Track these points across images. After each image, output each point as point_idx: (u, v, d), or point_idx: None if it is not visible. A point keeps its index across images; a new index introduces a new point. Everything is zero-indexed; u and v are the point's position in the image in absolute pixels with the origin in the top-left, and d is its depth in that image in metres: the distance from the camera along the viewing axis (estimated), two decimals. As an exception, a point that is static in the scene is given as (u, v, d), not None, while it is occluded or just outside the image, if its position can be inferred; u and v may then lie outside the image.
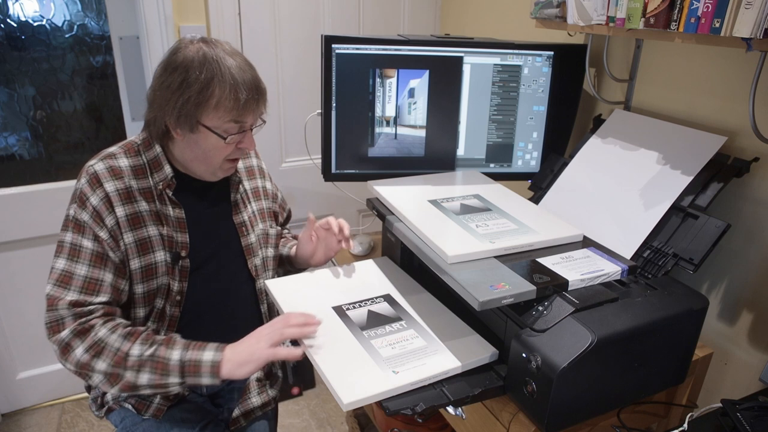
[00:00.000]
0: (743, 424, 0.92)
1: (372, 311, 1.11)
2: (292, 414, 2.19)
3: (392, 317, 1.10)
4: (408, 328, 1.07)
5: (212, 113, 1.02)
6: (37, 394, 2.11)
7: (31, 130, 1.95)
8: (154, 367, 1.00)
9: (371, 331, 1.05)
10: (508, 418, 1.01)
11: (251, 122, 1.08)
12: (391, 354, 0.99)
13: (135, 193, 1.07)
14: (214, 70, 1.00)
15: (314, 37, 2.00)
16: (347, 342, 1.02)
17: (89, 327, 1.01)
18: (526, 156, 1.56)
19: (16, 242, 1.88)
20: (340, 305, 1.13)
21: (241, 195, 1.23)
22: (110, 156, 1.08)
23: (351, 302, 1.14)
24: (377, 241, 1.67)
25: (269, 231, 1.28)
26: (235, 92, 1.00)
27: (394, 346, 1.01)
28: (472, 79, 1.46)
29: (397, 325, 1.08)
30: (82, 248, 1.03)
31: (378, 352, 0.99)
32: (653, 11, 1.07)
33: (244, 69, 1.04)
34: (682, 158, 1.21)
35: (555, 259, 1.06)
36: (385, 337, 1.03)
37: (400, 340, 1.03)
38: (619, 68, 1.47)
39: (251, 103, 1.04)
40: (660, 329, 0.98)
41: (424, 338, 1.04)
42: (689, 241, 1.11)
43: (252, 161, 1.31)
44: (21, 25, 1.80)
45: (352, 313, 1.10)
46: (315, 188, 2.18)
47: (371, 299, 1.16)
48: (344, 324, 1.07)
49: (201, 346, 1.02)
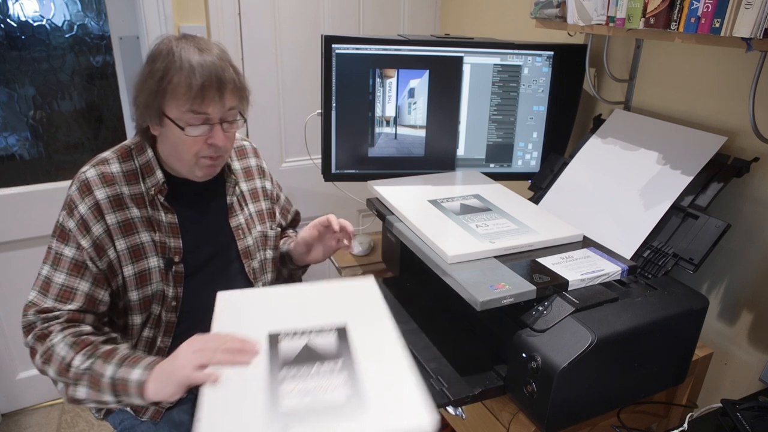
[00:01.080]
0: (743, 424, 0.92)
1: (309, 345, 0.94)
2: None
3: (329, 355, 0.91)
4: (340, 371, 0.88)
5: (171, 102, 1.00)
6: (37, 394, 2.11)
7: (31, 130, 1.95)
8: (90, 381, 0.96)
9: (292, 371, 0.88)
10: (508, 418, 1.01)
11: (216, 115, 1.02)
12: (292, 407, 0.81)
13: (126, 199, 1.07)
14: (173, 59, 0.98)
15: (314, 37, 2.00)
16: (254, 379, 0.86)
17: (48, 333, 1.01)
18: (526, 156, 1.56)
19: (16, 242, 1.88)
20: (278, 333, 0.96)
21: (237, 197, 1.21)
22: (103, 162, 1.08)
23: (293, 331, 0.96)
24: (377, 241, 1.67)
25: (268, 233, 1.27)
26: (188, 79, 0.97)
27: (306, 395, 0.83)
28: (472, 79, 1.46)
29: (328, 366, 0.89)
30: (62, 256, 1.04)
31: (278, 401, 0.81)
32: (653, 11, 1.07)
33: (209, 60, 0.99)
34: (682, 158, 1.21)
35: (555, 259, 1.06)
36: (305, 382, 0.86)
37: (321, 388, 0.85)
38: (619, 68, 1.47)
39: (209, 92, 0.98)
40: (660, 329, 0.99)
41: (350, 389, 0.84)
42: (689, 241, 1.11)
43: (250, 161, 1.28)
44: (21, 25, 1.80)
45: (285, 345, 0.93)
46: (315, 188, 2.18)
47: (320, 329, 0.97)
48: (268, 356, 0.90)
49: (135, 361, 0.96)
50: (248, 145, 1.30)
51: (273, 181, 1.35)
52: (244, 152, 1.28)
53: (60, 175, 1.99)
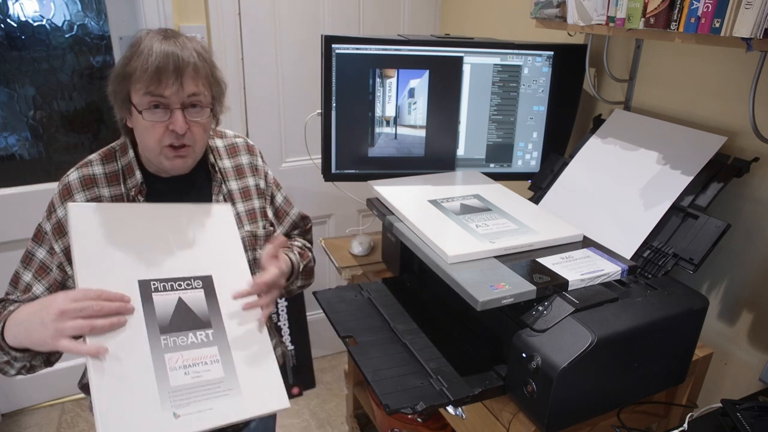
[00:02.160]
0: (743, 424, 0.92)
1: (182, 303, 0.90)
2: (292, 414, 2.18)
3: (201, 320, 0.90)
4: (212, 341, 0.88)
5: (132, 87, 1.00)
6: (37, 394, 2.11)
7: (31, 130, 1.95)
8: None
9: (171, 338, 0.86)
10: (508, 418, 1.01)
11: (175, 99, 1.00)
12: (181, 384, 0.82)
13: (105, 201, 1.08)
14: (139, 47, 0.99)
15: (314, 37, 2.00)
16: (137, 351, 0.84)
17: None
18: (526, 156, 1.56)
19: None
20: (149, 281, 0.90)
21: (224, 196, 1.19)
22: (86, 164, 1.10)
23: (162, 279, 0.91)
24: (377, 241, 1.67)
25: (258, 232, 1.22)
26: (145, 61, 0.97)
27: (189, 370, 0.84)
28: (472, 79, 1.46)
29: (201, 334, 0.88)
30: (34, 257, 1.08)
31: (167, 377, 0.82)
32: (653, 11, 1.07)
33: (171, 47, 0.99)
34: (682, 158, 1.21)
35: (555, 259, 1.06)
36: (184, 352, 0.85)
37: (198, 360, 0.85)
38: (619, 68, 1.47)
39: (164, 74, 0.97)
40: (660, 329, 0.99)
41: (223, 365, 0.87)
42: (689, 241, 1.11)
43: (242, 159, 1.24)
44: (21, 25, 1.80)
45: (159, 299, 0.89)
46: (315, 188, 2.18)
47: (189, 280, 0.93)
48: (144, 317, 0.87)
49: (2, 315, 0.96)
50: (241, 142, 1.27)
51: (269, 179, 1.30)
52: (236, 149, 1.25)
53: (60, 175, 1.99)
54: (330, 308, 1.25)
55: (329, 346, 2.51)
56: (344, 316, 1.23)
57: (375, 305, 1.28)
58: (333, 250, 1.68)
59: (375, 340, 1.14)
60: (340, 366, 2.46)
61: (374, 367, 1.05)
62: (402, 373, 1.04)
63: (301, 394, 2.29)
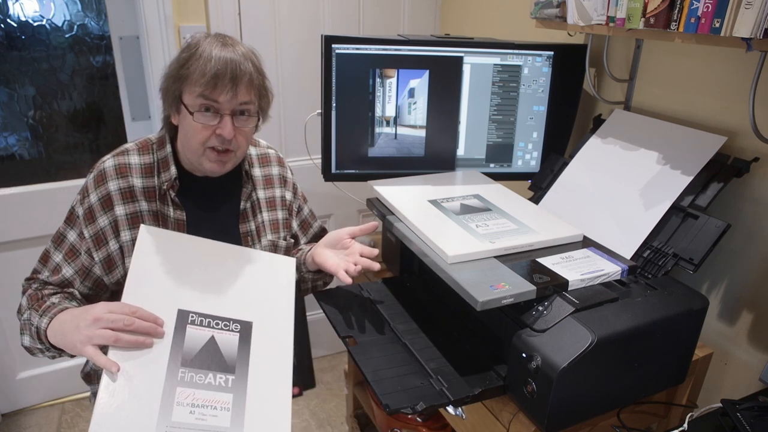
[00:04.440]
0: (743, 424, 0.92)
1: (213, 342, 0.89)
2: (293, 414, 2.18)
3: (226, 363, 0.87)
4: (230, 388, 0.85)
5: (187, 88, 1.02)
6: (37, 394, 2.11)
7: (31, 130, 1.95)
8: (29, 330, 1.03)
9: (189, 373, 0.84)
10: (508, 418, 1.01)
11: (227, 106, 1.02)
12: (182, 421, 0.79)
13: (137, 192, 1.08)
14: (197, 50, 1.02)
15: (314, 37, 2.00)
16: (152, 376, 0.83)
17: (25, 289, 1.10)
18: (526, 156, 1.56)
19: (16, 242, 1.88)
20: (188, 312, 0.91)
21: (252, 203, 1.21)
22: (123, 152, 1.11)
23: (202, 313, 0.91)
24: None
25: (279, 243, 1.24)
26: (204, 66, 1.00)
27: (196, 410, 0.81)
28: (472, 79, 1.46)
29: (221, 378, 0.85)
30: (65, 239, 1.11)
31: (171, 410, 0.80)
32: (653, 11, 1.07)
33: (229, 53, 1.02)
34: (682, 158, 1.21)
35: (555, 259, 1.06)
36: (198, 391, 0.82)
37: (209, 403, 0.82)
38: (619, 68, 1.47)
39: (221, 80, 1.00)
40: (660, 329, 0.99)
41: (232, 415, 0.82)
42: (689, 241, 1.11)
43: (273, 170, 1.27)
44: (21, 25, 1.80)
45: (192, 332, 0.88)
46: (315, 188, 2.18)
47: (227, 320, 0.92)
48: (171, 345, 0.87)
49: (48, 310, 1.00)
50: (273, 153, 1.29)
51: (297, 192, 1.33)
52: (268, 160, 1.27)
53: (60, 175, 2.00)
54: (330, 308, 1.25)
55: (329, 346, 2.51)
56: (344, 316, 1.23)
57: (375, 305, 1.28)
58: (333, 250, 1.68)
59: (375, 340, 1.14)
60: (340, 366, 2.46)
61: (374, 367, 1.05)
62: (402, 373, 1.04)
63: (301, 394, 2.29)
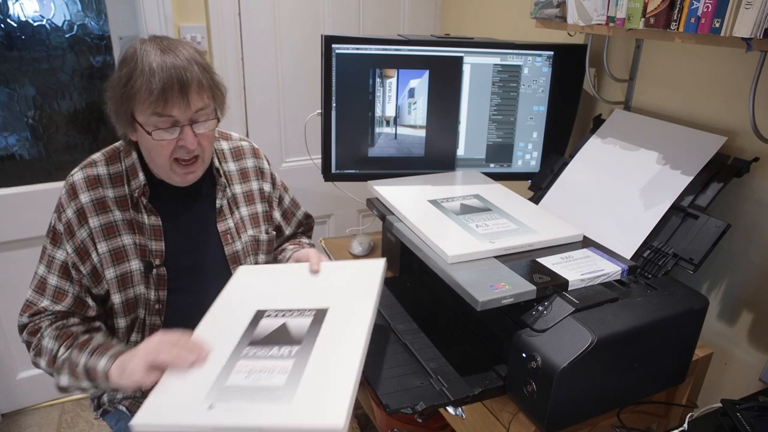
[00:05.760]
0: (743, 424, 0.92)
1: (284, 326, 0.96)
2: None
3: (293, 338, 0.93)
4: (292, 357, 0.89)
5: (137, 107, 0.98)
6: (37, 394, 2.11)
7: (30, 130, 1.94)
8: (69, 370, 0.99)
9: (255, 350, 0.91)
10: (508, 418, 1.01)
11: (184, 116, 1.00)
12: (236, 384, 0.84)
13: (109, 202, 1.07)
14: (136, 63, 0.97)
15: (314, 38, 2.00)
16: (218, 352, 0.90)
17: (39, 328, 1.05)
18: (526, 156, 1.56)
19: (16, 242, 1.88)
20: (265, 310, 1.00)
21: (228, 200, 1.19)
22: (91, 164, 1.09)
23: (279, 309, 1.00)
24: (377, 241, 1.67)
25: (260, 237, 1.23)
26: (149, 82, 0.95)
27: (252, 374, 0.85)
28: (472, 79, 1.46)
29: (286, 349, 0.90)
30: (55, 259, 1.07)
31: (228, 377, 0.85)
32: (653, 11, 1.07)
33: (170, 61, 0.97)
34: (682, 158, 1.21)
35: (555, 259, 1.06)
36: (259, 361, 0.88)
37: (267, 368, 0.87)
38: (619, 68, 1.47)
39: (170, 94, 0.96)
40: (660, 329, 0.99)
41: (290, 376, 0.85)
42: (689, 241, 1.11)
43: (247, 162, 1.24)
44: (21, 25, 1.80)
45: (265, 323, 0.97)
46: (315, 188, 2.18)
47: (301, 311, 0.99)
48: (243, 332, 0.95)
49: (104, 350, 0.98)
50: (247, 145, 1.27)
51: (276, 182, 1.31)
52: (242, 153, 1.25)
53: (60, 175, 1.99)
54: (330, 308, 1.25)
55: (329, 346, 2.50)
56: (344, 316, 1.23)
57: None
58: (333, 250, 1.68)
59: (375, 340, 1.14)
60: (340, 366, 2.45)
61: (374, 367, 1.05)
62: (402, 373, 1.04)
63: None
